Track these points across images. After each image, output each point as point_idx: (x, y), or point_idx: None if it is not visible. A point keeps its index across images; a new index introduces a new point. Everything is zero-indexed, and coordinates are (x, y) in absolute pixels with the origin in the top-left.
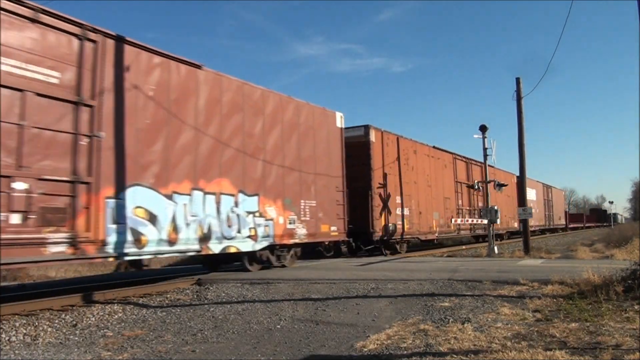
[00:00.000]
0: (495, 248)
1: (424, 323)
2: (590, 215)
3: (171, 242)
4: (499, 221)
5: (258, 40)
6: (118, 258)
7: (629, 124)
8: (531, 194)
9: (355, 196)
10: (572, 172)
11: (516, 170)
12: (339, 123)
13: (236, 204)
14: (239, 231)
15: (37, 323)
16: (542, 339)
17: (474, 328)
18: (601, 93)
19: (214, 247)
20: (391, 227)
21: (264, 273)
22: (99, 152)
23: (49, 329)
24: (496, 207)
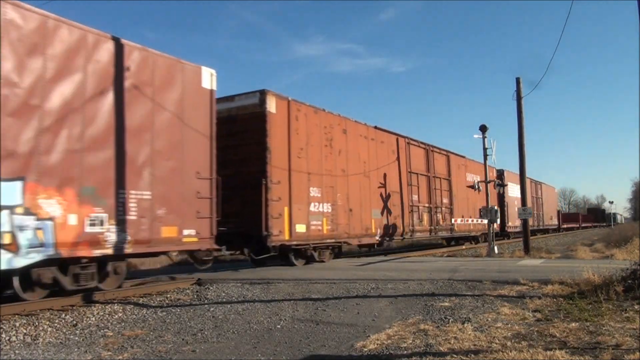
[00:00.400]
0: (495, 248)
1: (424, 323)
2: (587, 215)
3: None
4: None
5: (258, 40)
6: None
7: (630, 124)
8: (514, 190)
9: (245, 187)
10: (572, 172)
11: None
12: (208, 83)
13: None
14: None
15: (38, 323)
16: (542, 339)
17: (474, 328)
18: (601, 93)
19: None
20: (300, 229)
21: (264, 273)
22: None
23: (49, 329)
24: (496, 207)
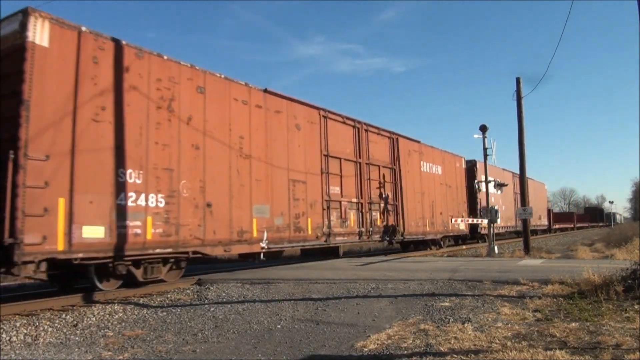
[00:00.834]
0: (495, 248)
1: (425, 323)
2: (583, 214)
3: None
4: (413, 223)
5: (258, 40)
6: None
7: (630, 124)
8: (491, 186)
9: None
10: (572, 172)
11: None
12: None
13: None
14: None
15: (38, 323)
16: (543, 339)
17: (475, 328)
18: (601, 93)
19: None
20: (91, 233)
21: (265, 273)
22: None
23: (50, 329)
24: (496, 207)
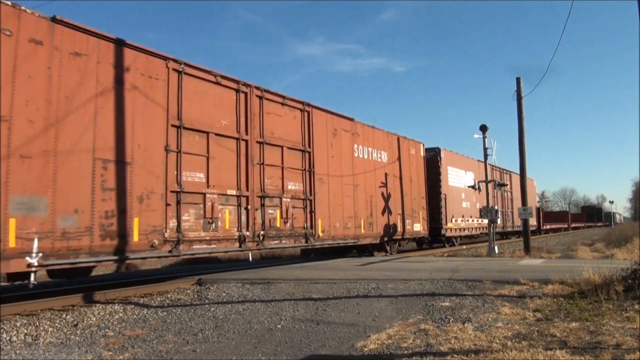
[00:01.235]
0: (495, 248)
1: (425, 323)
2: (579, 214)
3: None
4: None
5: (259, 40)
6: None
7: (630, 124)
8: (459, 177)
9: None
10: (572, 172)
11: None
12: None
13: None
14: None
15: (38, 323)
16: (543, 339)
17: (475, 328)
18: (602, 93)
19: None
20: None
21: (265, 273)
22: None
23: (50, 329)
24: (496, 208)
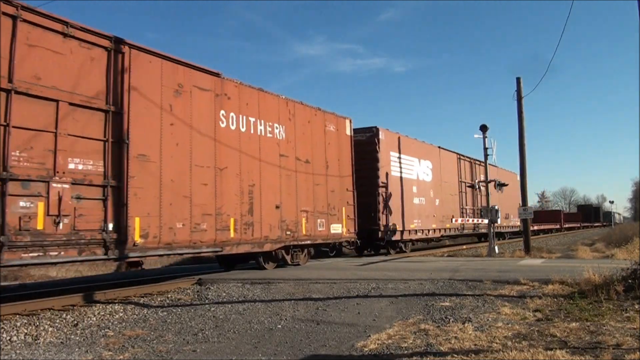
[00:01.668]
0: (495, 248)
1: (425, 323)
2: (575, 213)
3: None
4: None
5: (259, 40)
6: None
7: (630, 124)
8: (412, 167)
9: None
10: (572, 172)
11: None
12: None
13: None
14: None
15: (38, 323)
16: (543, 339)
17: (475, 328)
18: (602, 93)
19: None
20: None
21: (265, 273)
22: None
23: (50, 329)
24: (493, 206)
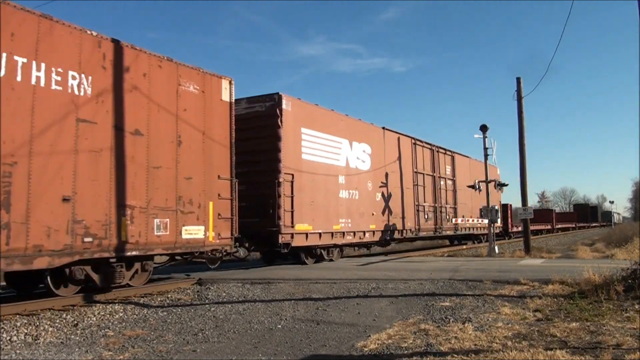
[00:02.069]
0: (495, 248)
1: (425, 323)
2: (569, 213)
3: None
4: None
5: (259, 40)
6: None
7: (630, 124)
8: (334, 149)
9: None
10: (572, 172)
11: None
12: None
13: None
14: None
15: (38, 323)
16: (543, 339)
17: (475, 328)
18: (602, 92)
19: None
20: None
21: (265, 273)
22: None
23: (50, 329)
24: (491, 205)
